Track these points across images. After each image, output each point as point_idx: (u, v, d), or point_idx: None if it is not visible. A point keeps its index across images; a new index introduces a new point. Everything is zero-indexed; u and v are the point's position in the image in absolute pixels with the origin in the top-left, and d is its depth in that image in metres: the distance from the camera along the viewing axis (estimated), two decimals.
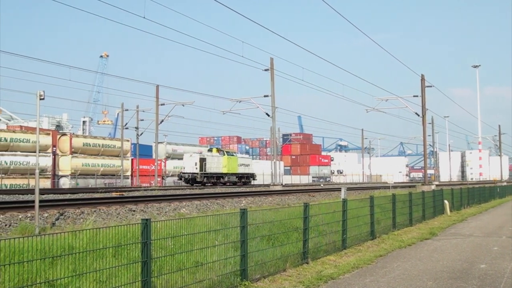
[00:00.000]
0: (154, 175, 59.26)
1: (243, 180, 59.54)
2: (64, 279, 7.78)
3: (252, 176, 61.89)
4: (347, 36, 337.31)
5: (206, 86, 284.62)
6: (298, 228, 13.39)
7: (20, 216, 16.36)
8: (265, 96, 51.39)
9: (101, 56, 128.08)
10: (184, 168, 55.00)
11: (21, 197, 25.51)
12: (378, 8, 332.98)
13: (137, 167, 62.97)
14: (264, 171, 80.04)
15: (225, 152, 58.06)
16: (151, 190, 39.22)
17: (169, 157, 71.58)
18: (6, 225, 15.22)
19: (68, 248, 8.62)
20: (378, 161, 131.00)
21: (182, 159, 73.81)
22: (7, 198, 24.94)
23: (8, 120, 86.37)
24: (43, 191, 27.98)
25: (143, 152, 66.66)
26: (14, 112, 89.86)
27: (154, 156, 62.54)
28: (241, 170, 59.37)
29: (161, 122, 58.09)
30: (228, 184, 56.24)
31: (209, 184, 53.60)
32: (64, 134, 60.53)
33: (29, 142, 53.26)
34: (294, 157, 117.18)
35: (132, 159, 66.15)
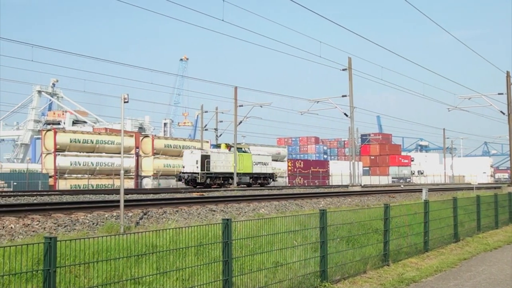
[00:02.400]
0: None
1: (259, 182, 51.56)
2: (148, 277, 8.02)
3: (271, 176, 53.81)
4: (427, 33, 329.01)
5: (284, 87, 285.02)
6: (378, 229, 13.22)
7: (106, 215, 16.96)
8: (343, 96, 50.94)
9: (181, 59, 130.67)
10: (183, 167, 47.26)
11: (107, 197, 26.43)
12: (458, 3, 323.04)
13: None
14: (342, 171, 79.37)
15: (236, 149, 50.11)
16: (231, 190, 39.66)
17: None
18: (93, 223, 15.82)
19: (151, 246, 8.86)
20: (461, 161, 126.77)
21: None
22: (93, 197, 25.93)
23: (94, 122, 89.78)
24: (127, 191, 28.90)
25: None
26: (99, 115, 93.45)
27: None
28: (257, 169, 51.48)
29: (239, 123, 58.56)
30: (241, 186, 49.00)
31: (215, 186, 46.17)
32: (146, 136, 62.19)
33: (113, 143, 55.19)
34: (373, 157, 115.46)
35: None
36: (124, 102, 15.65)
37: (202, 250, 9.47)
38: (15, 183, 48.37)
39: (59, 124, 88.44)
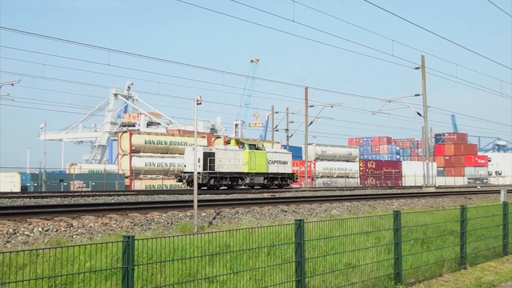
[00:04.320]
0: (304, 176, 59.77)
1: (276, 183, 44.81)
2: (222, 276, 8.14)
3: (290, 177, 46.97)
4: (504, 29, 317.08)
5: (355, 87, 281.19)
6: (454, 231, 12.90)
7: (180, 215, 17.32)
8: (416, 95, 49.89)
9: (252, 61, 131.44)
10: (184, 166, 41.74)
11: (180, 197, 26.97)
12: None
13: None
14: (415, 172, 77.79)
15: (246, 145, 43.37)
16: (302, 191, 39.61)
17: (318, 158, 71.96)
18: (168, 223, 16.19)
19: (225, 246, 8.97)
20: None
21: (332, 160, 74.02)
22: (168, 197, 26.51)
23: (168, 124, 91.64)
24: (200, 192, 29.39)
25: (293, 153, 67.53)
26: (172, 117, 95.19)
27: (303, 158, 63.10)
28: (273, 169, 44.58)
29: (310, 124, 58.50)
30: (256, 187, 43.17)
31: (222, 188, 40.58)
32: (218, 137, 62.95)
33: (186, 144, 56.20)
34: (447, 157, 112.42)
35: None
36: (197, 103, 15.93)
37: (274, 250, 9.52)
38: (93, 183, 50.17)
39: (134, 126, 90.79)
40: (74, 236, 13.69)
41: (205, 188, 38.74)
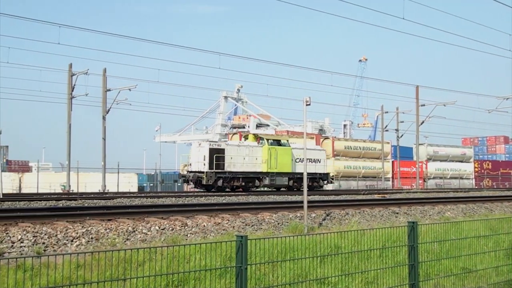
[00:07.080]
0: (415, 177, 58.27)
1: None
2: (333, 277, 8.14)
3: (323, 177, 40.07)
4: None
5: (469, 84, 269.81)
6: None
7: (290, 216, 17.46)
8: None
9: (360, 60, 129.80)
10: (190, 164, 35.83)
11: (289, 198, 27.19)
12: None
13: (397, 169, 62.63)
14: None
15: (266, 141, 37.06)
16: (413, 192, 38.66)
17: (430, 159, 69.79)
18: (278, 223, 16.39)
19: (335, 247, 8.96)
20: None
21: (445, 161, 71.54)
22: (277, 198, 26.80)
23: (276, 125, 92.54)
24: (308, 193, 29.38)
25: (403, 154, 65.99)
26: (281, 118, 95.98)
27: (415, 158, 61.52)
28: (301, 168, 36.08)
29: (421, 124, 56.96)
30: (282, 189, 37.44)
31: (237, 190, 35.05)
32: (326, 138, 62.75)
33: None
34: None
35: (392, 161, 65.94)
36: (306, 105, 16.00)
37: (386, 252, 9.39)
38: None
39: (244, 127, 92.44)
40: (188, 235, 14.19)
41: (214, 190, 33.86)
